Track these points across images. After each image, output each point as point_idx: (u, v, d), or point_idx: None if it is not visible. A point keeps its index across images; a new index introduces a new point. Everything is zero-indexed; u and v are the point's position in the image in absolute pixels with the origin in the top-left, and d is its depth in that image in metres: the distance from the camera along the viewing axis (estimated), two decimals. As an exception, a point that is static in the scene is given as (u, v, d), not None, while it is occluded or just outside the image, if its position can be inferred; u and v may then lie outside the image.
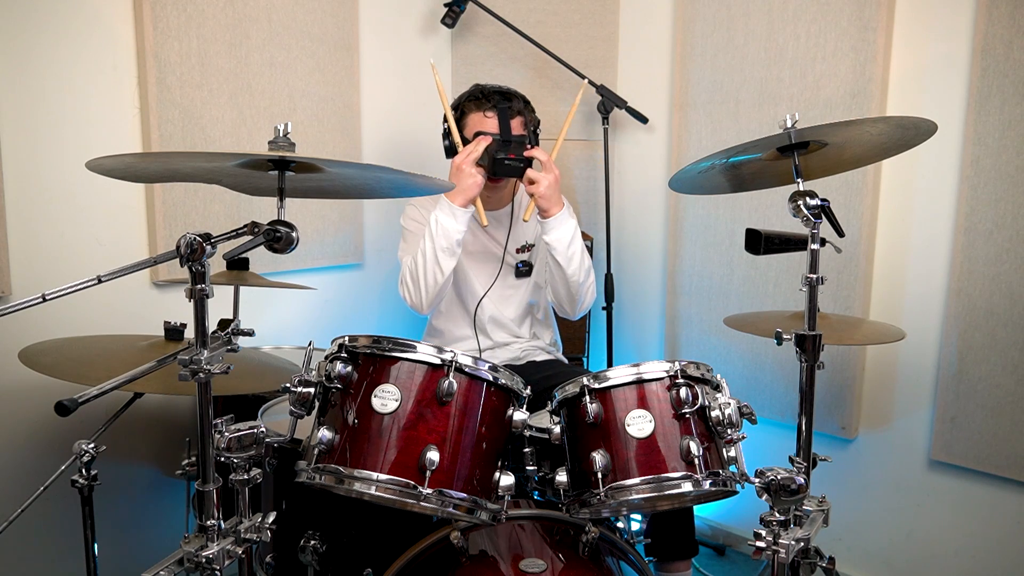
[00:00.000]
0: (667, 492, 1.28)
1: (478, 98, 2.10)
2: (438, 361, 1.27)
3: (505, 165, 2.02)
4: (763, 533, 1.20)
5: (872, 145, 1.47)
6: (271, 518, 1.23)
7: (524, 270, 2.26)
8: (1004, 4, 1.93)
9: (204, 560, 1.13)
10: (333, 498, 1.41)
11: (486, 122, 2.06)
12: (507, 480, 1.32)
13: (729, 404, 1.31)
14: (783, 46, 2.33)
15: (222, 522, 1.17)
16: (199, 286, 1.11)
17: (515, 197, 2.27)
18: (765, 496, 1.18)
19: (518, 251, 2.25)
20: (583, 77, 2.57)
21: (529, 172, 2.03)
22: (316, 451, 1.25)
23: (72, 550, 1.61)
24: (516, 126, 2.07)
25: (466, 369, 1.29)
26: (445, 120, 2.14)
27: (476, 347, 2.21)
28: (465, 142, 2.09)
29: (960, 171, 2.05)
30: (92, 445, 1.42)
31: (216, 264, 1.20)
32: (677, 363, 1.33)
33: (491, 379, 1.32)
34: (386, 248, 2.69)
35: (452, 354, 1.28)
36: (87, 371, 1.41)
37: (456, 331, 2.24)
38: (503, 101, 2.08)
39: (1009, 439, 2.02)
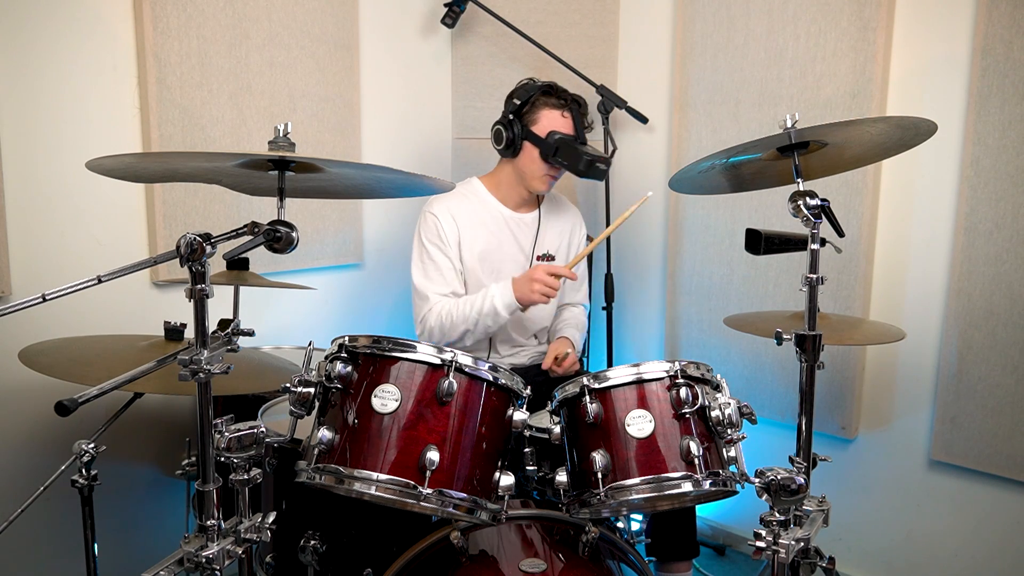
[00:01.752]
0: (667, 492, 1.28)
1: (550, 93, 2.08)
2: (438, 361, 1.28)
3: (596, 168, 2.05)
4: (763, 533, 1.20)
5: (872, 145, 1.47)
6: (271, 518, 1.23)
7: None
8: (1004, 4, 1.93)
9: (204, 560, 1.13)
10: (333, 498, 1.41)
11: (562, 121, 2.06)
12: (507, 480, 1.32)
13: (729, 404, 1.31)
14: (783, 46, 2.33)
15: (222, 522, 1.17)
16: (199, 286, 1.10)
17: (541, 204, 2.25)
18: (765, 496, 1.18)
19: (538, 259, 2.22)
20: (585, 79, 2.56)
21: (560, 351, 2.07)
22: (316, 451, 1.25)
23: (72, 550, 1.61)
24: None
25: (466, 369, 1.29)
26: (512, 107, 2.09)
27: (486, 357, 2.19)
28: (533, 136, 2.06)
29: (960, 171, 2.05)
30: (92, 445, 1.42)
31: (216, 264, 1.19)
32: (677, 363, 1.33)
33: (491, 379, 1.32)
34: (386, 248, 2.69)
35: (452, 354, 1.28)
36: (87, 371, 1.41)
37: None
38: (575, 104, 2.09)
39: (1009, 439, 2.02)
